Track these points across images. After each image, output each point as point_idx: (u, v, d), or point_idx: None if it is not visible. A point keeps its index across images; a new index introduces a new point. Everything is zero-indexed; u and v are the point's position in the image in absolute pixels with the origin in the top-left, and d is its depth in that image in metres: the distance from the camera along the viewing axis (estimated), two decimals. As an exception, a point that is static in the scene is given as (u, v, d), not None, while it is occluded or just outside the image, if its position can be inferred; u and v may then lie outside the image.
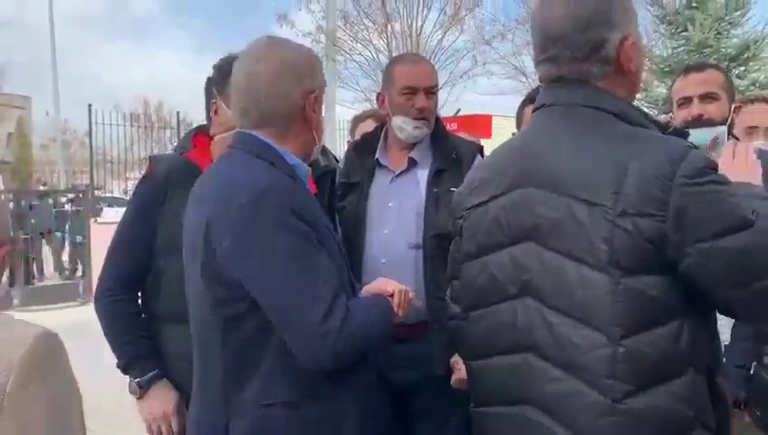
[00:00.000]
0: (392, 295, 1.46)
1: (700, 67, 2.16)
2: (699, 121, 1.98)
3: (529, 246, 1.22)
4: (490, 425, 1.34)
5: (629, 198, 1.09)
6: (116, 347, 1.86)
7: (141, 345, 1.84)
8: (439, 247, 1.95)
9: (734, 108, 2.05)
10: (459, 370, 1.96)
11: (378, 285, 1.50)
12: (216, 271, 1.29)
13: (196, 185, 1.44)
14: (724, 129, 1.96)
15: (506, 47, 17.70)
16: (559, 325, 1.17)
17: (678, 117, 2.07)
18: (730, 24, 9.92)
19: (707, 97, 2.02)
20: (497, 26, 17.49)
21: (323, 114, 1.51)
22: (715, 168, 1.12)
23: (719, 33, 9.69)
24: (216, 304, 1.31)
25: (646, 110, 1.33)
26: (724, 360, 1.57)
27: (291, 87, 1.38)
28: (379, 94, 2.20)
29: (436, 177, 2.05)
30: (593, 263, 1.12)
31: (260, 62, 1.38)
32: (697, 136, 1.91)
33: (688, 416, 1.11)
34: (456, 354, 1.97)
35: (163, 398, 1.81)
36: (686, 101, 2.05)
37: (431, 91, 2.08)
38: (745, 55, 9.45)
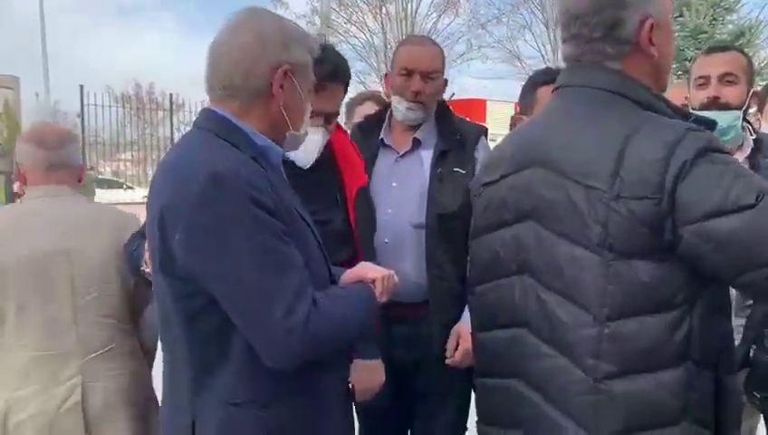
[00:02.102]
0: (374, 281, 1.37)
1: (724, 48, 2.09)
2: (715, 104, 1.94)
3: (529, 225, 1.23)
4: (487, 395, 1.37)
5: (626, 181, 1.08)
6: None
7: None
8: (442, 227, 1.96)
9: (752, 93, 2.00)
10: (460, 344, 1.97)
11: (358, 271, 1.40)
12: (171, 263, 1.19)
13: (158, 164, 1.35)
14: (738, 114, 1.94)
15: (501, 31, 17.67)
16: (549, 302, 1.18)
17: (695, 98, 2.02)
18: (725, 9, 9.92)
19: (726, 79, 1.96)
20: (492, 10, 17.45)
21: (306, 99, 1.36)
22: (718, 149, 1.09)
23: (714, 18, 9.69)
24: (176, 297, 1.22)
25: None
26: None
27: (255, 58, 1.26)
28: (386, 74, 2.20)
29: (440, 157, 2.04)
30: (586, 244, 1.12)
31: (232, 31, 1.29)
32: (716, 120, 1.92)
33: (675, 407, 1.10)
34: (452, 334, 1.99)
35: None
36: (705, 80, 1.99)
37: (428, 76, 2.05)
38: (740, 42, 9.46)
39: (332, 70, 1.71)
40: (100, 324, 1.81)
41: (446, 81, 2.16)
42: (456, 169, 2.00)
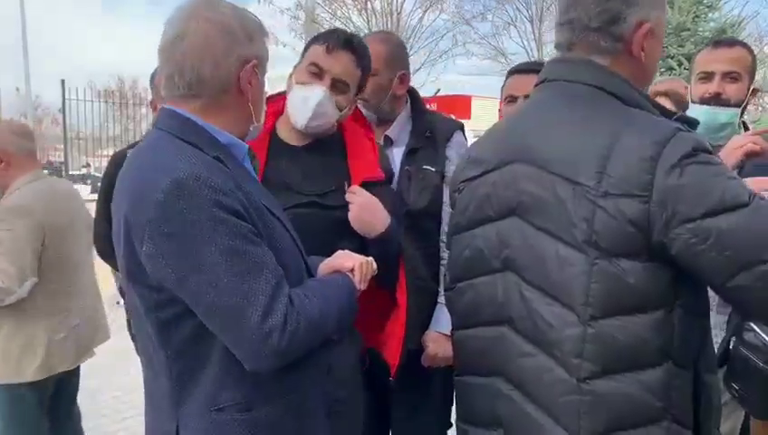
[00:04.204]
0: (353, 270, 1.37)
1: (731, 43, 2.08)
2: (716, 100, 1.96)
3: (514, 221, 1.22)
4: (467, 394, 1.36)
5: (613, 178, 1.07)
6: None
7: None
8: (412, 225, 1.95)
9: (751, 90, 2.00)
10: (428, 347, 1.97)
11: (335, 262, 1.39)
12: (141, 274, 1.15)
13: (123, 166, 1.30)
14: (737, 111, 1.95)
15: (486, 27, 17.75)
16: (533, 301, 1.17)
17: (696, 91, 2.03)
18: (708, 7, 10.00)
19: (729, 76, 1.97)
20: (477, 6, 17.47)
21: (266, 89, 1.35)
22: (706, 150, 1.08)
23: (697, 15, 9.77)
24: (149, 307, 1.18)
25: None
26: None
27: (223, 53, 1.21)
28: None
29: (409, 155, 2.04)
30: (571, 241, 1.11)
31: (190, 21, 1.22)
32: (714, 116, 1.93)
33: (655, 407, 1.09)
34: (428, 331, 1.98)
35: None
36: (707, 76, 2.00)
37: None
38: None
39: (346, 38, 1.70)
40: (92, 268, 2.83)
41: (402, 76, 2.09)
42: (425, 167, 1.99)
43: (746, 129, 2.04)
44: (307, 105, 1.67)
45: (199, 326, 1.15)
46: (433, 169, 2.00)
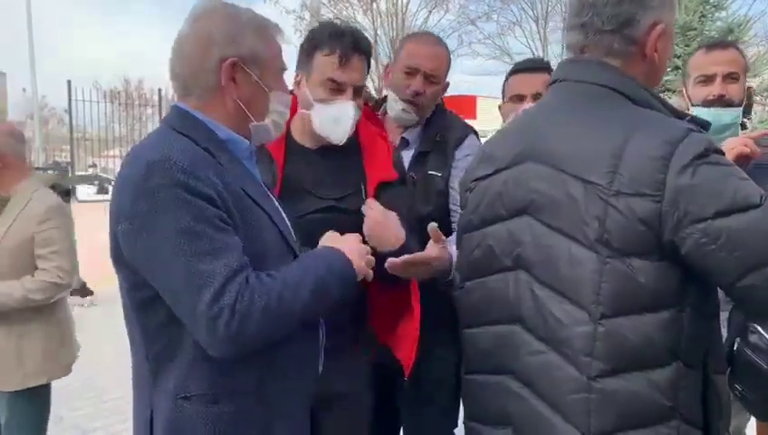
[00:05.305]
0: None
1: (724, 45, 2.10)
2: (720, 102, 1.98)
3: (525, 220, 1.23)
4: (476, 392, 1.36)
5: (625, 178, 1.08)
6: None
7: None
8: (417, 229, 1.95)
9: (747, 88, 2.03)
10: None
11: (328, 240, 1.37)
12: (121, 255, 1.20)
13: None
14: (739, 111, 1.98)
15: (491, 27, 17.74)
16: (544, 298, 1.17)
17: (698, 94, 2.04)
18: (714, 6, 9.97)
19: (731, 77, 2.00)
20: (482, 6, 17.47)
21: (271, 87, 1.33)
22: (718, 150, 1.09)
23: (704, 15, 9.74)
24: (128, 288, 1.23)
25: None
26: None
27: (201, 56, 1.26)
28: (387, 65, 2.15)
29: (416, 160, 2.02)
30: (583, 240, 1.12)
31: (193, 23, 1.29)
32: (718, 117, 1.93)
33: (664, 406, 1.10)
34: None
35: None
36: (707, 79, 2.02)
37: (431, 78, 1.98)
38: (728, 39, 9.50)
39: (354, 41, 1.66)
40: None
41: (447, 83, 2.09)
42: (431, 172, 1.97)
43: (744, 128, 2.05)
44: (342, 125, 1.66)
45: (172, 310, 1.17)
46: (439, 175, 1.97)
